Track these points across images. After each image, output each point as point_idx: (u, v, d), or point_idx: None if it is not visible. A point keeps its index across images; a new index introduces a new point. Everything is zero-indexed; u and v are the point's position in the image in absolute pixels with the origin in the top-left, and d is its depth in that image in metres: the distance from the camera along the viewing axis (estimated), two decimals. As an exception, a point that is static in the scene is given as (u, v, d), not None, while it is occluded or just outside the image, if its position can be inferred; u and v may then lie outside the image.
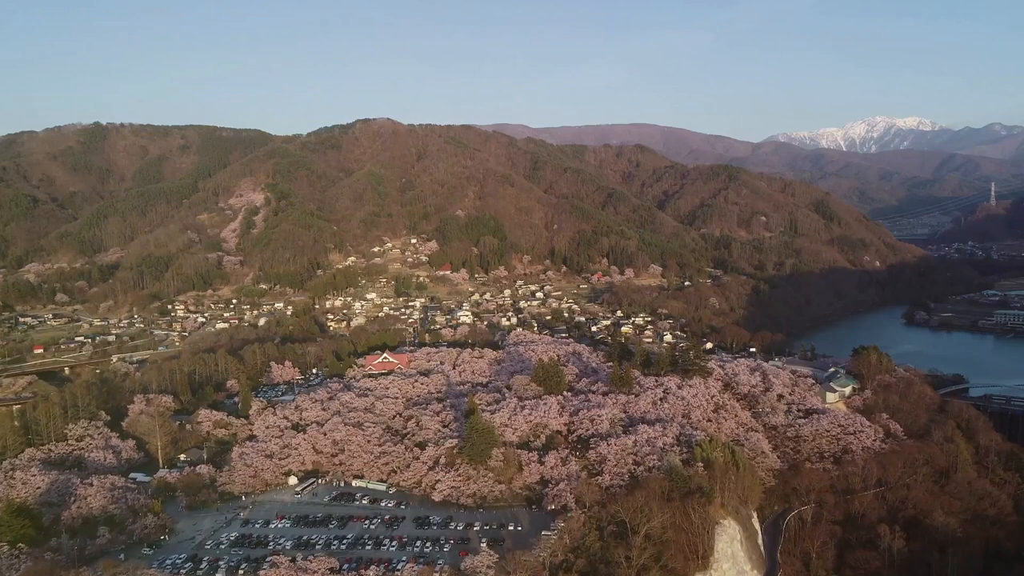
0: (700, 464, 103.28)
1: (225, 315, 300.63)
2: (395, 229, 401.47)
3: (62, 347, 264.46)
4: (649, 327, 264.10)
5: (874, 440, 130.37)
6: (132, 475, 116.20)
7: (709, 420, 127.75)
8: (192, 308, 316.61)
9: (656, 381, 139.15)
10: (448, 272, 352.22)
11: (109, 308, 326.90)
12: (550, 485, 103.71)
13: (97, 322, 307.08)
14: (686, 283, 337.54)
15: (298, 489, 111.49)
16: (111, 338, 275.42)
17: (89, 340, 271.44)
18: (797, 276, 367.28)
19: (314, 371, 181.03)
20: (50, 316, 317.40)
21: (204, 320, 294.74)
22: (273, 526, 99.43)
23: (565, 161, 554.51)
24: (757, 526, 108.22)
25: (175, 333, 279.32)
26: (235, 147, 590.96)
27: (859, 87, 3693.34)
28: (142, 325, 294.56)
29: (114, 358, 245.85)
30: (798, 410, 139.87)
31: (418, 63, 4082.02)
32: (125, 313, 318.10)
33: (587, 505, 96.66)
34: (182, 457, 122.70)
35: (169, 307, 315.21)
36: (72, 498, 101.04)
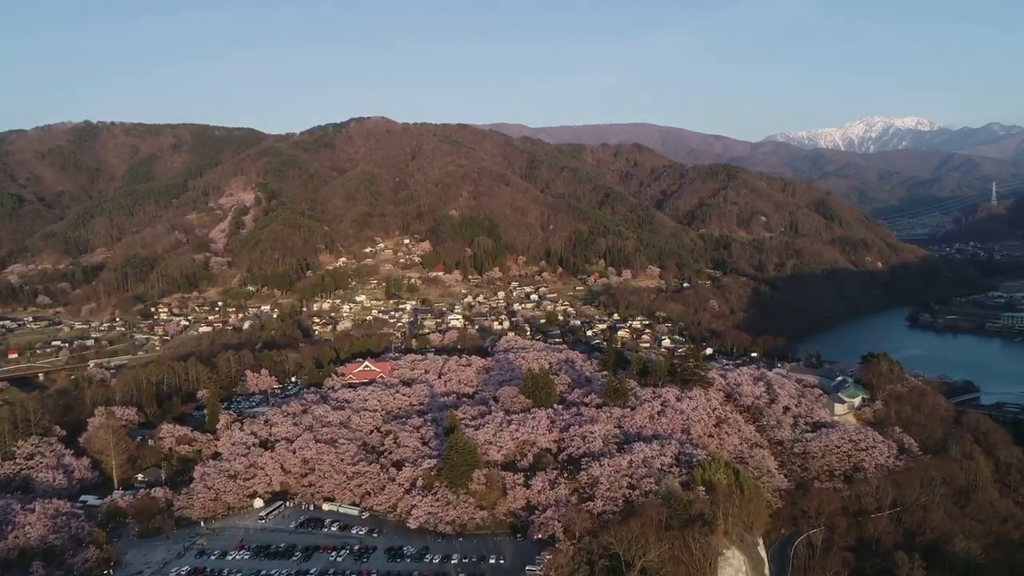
0: (701, 488, 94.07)
1: (209, 318, 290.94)
2: (388, 229, 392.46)
3: (38, 352, 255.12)
4: (647, 331, 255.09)
5: (887, 456, 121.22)
6: (83, 498, 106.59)
7: (710, 436, 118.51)
8: (176, 311, 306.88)
9: (653, 392, 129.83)
10: (441, 273, 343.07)
11: (91, 311, 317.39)
12: (536, 512, 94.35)
13: (78, 325, 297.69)
14: (685, 284, 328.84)
15: (262, 514, 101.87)
16: (89, 342, 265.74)
17: (66, 344, 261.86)
18: (798, 277, 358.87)
19: (293, 379, 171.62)
20: (30, 319, 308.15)
21: (187, 323, 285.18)
22: (231, 558, 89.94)
23: (562, 160, 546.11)
24: (763, 555, 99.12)
25: (156, 337, 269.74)
26: (227, 146, 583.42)
27: (857, 87, 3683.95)
28: (123, 329, 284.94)
29: (91, 363, 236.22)
30: (805, 423, 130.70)
31: (416, 63, 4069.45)
32: (107, 316, 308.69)
33: (577, 535, 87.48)
34: (139, 477, 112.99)
35: (152, 310, 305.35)
36: (10, 526, 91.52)
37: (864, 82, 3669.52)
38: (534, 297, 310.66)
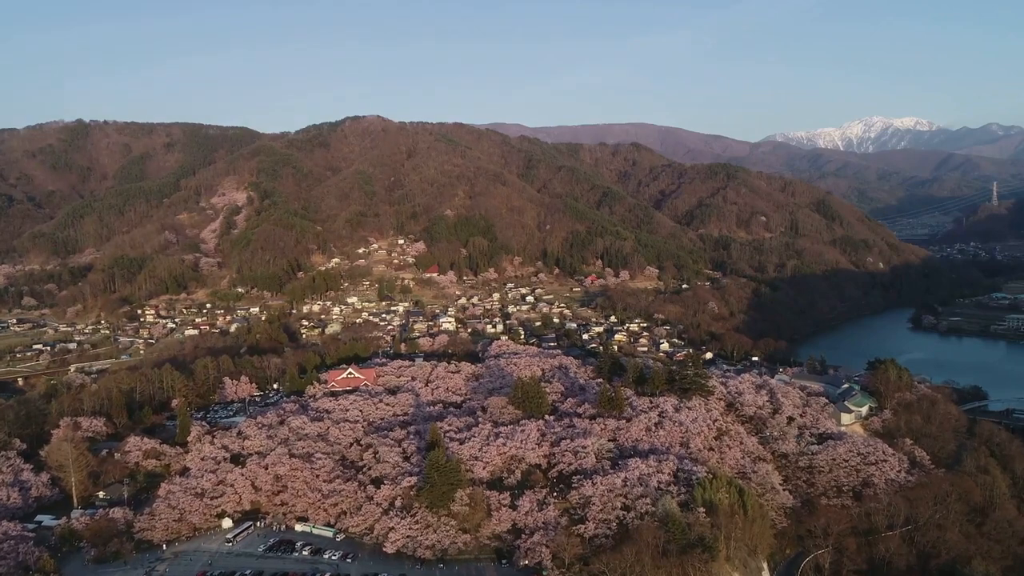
0: (701, 509, 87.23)
1: (196, 320, 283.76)
2: (382, 229, 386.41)
3: (18, 356, 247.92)
4: (644, 334, 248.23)
5: (898, 471, 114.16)
6: (39, 518, 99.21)
7: (711, 449, 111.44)
8: (163, 313, 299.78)
9: (650, 402, 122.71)
10: (435, 274, 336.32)
11: (77, 312, 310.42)
12: (523, 536, 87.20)
13: (63, 328, 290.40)
14: (684, 286, 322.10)
15: (230, 536, 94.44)
16: (72, 346, 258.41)
17: (48, 348, 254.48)
18: (799, 278, 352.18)
19: (275, 386, 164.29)
20: (14, 321, 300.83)
21: (174, 326, 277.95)
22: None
23: (560, 159, 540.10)
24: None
25: (141, 340, 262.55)
26: (221, 145, 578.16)
27: (856, 87, 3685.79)
28: (107, 332, 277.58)
29: (72, 368, 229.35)
30: (810, 435, 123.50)
31: (414, 63, 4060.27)
32: (93, 318, 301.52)
33: (566, 562, 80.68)
34: (101, 495, 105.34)
35: (139, 312, 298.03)
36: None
37: (862, 82, 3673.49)
38: (529, 299, 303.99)
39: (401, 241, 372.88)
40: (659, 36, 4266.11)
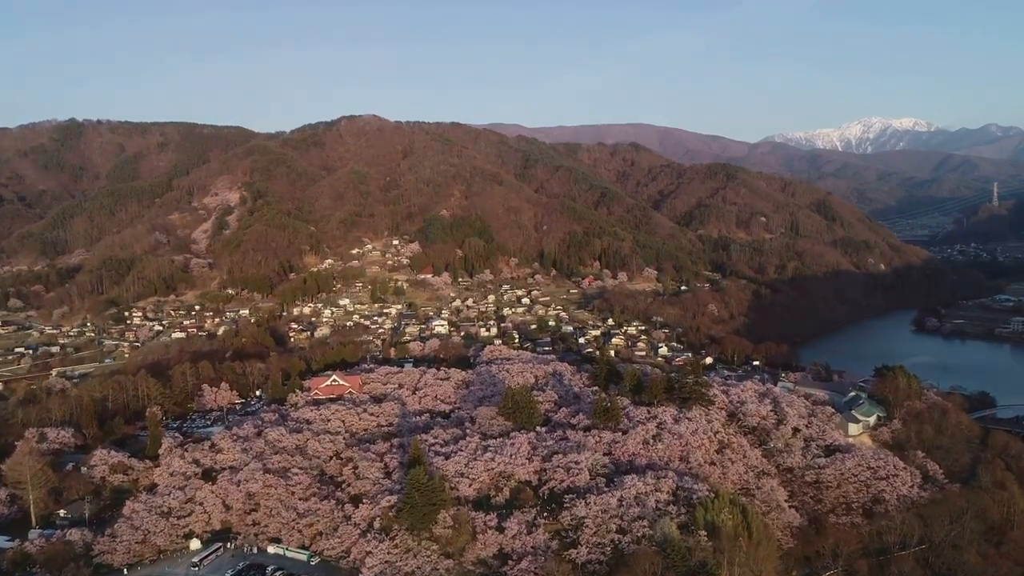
0: (703, 532, 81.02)
1: (184, 323, 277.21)
2: (376, 230, 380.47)
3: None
4: (642, 337, 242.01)
5: (910, 486, 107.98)
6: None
7: (712, 463, 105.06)
8: (151, 315, 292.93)
9: (648, 412, 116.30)
10: (430, 276, 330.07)
11: (63, 315, 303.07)
12: (511, 562, 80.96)
13: (49, 330, 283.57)
14: (683, 288, 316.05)
15: (196, 559, 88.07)
16: (55, 349, 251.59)
17: (30, 351, 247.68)
18: (799, 280, 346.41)
19: (258, 393, 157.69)
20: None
21: (161, 329, 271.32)
22: (150, 616, 76.82)
23: (558, 159, 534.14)
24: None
25: (126, 343, 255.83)
26: (216, 144, 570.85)
27: (854, 88, 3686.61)
28: (92, 334, 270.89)
29: (54, 372, 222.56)
30: (817, 447, 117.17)
31: (411, 62, 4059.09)
32: (79, 320, 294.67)
33: (556, 592, 74.44)
34: (62, 513, 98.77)
35: (126, 314, 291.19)
36: None
37: (861, 83, 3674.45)
38: (525, 301, 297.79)
39: (396, 242, 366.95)
40: (658, 36, 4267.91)
